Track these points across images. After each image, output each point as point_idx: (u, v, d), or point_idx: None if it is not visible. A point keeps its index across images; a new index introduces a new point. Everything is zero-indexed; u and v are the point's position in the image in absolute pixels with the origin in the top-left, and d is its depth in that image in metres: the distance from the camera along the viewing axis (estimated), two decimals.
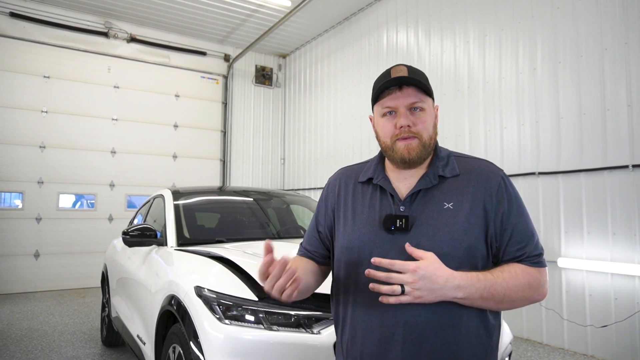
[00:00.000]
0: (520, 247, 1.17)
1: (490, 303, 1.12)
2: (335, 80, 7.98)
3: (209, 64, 8.86)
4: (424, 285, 1.04)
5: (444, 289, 1.06)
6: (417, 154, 1.19)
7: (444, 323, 1.12)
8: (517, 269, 1.15)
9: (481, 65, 5.25)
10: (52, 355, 4.00)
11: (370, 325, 1.17)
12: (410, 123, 1.18)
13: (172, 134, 8.41)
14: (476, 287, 1.09)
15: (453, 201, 1.18)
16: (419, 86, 1.19)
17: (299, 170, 8.98)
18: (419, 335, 1.12)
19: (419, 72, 1.23)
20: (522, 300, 1.16)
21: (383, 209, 1.22)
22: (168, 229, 3.05)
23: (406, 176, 1.24)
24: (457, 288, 1.07)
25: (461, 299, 1.08)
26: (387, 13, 6.84)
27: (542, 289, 1.17)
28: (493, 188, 1.19)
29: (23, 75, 7.09)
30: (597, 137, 4.11)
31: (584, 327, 4.11)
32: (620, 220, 3.92)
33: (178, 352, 2.19)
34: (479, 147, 5.18)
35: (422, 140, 1.19)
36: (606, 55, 4.07)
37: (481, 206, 1.17)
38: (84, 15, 7.57)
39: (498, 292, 1.11)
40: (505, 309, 1.18)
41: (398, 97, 1.19)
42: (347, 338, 1.23)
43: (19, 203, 7.06)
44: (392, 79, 1.19)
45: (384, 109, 1.22)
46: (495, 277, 1.12)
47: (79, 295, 6.77)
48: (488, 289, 1.10)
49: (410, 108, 1.19)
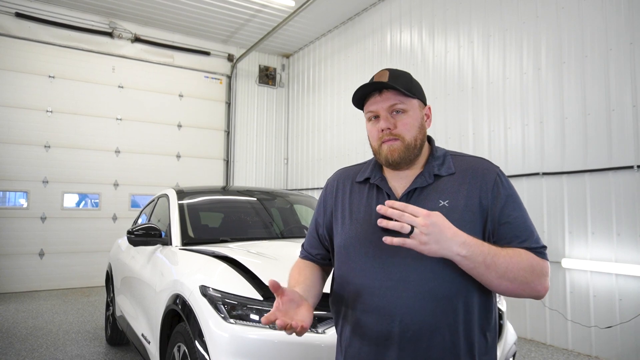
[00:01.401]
0: (520, 241, 1.16)
1: (491, 274, 1.08)
2: (338, 80, 7.98)
3: (212, 64, 8.88)
4: (432, 231, 1.02)
5: (450, 241, 1.03)
6: (399, 156, 1.20)
7: (441, 321, 1.12)
8: (521, 251, 1.14)
9: (485, 65, 5.24)
10: (57, 353, 4.02)
11: (367, 324, 1.17)
12: (390, 125, 1.21)
13: (176, 133, 8.44)
14: (480, 249, 1.07)
15: (448, 199, 1.18)
16: (398, 89, 1.21)
17: (303, 170, 8.99)
18: (415, 333, 1.12)
19: (401, 74, 1.25)
20: (523, 284, 1.11)
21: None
22: (172, 229, 3.06)
23: (402, 176, 1.26)
24: (462, 244, 1.04)
25: (464, 257, 1.05)
26: (390, 13, 6.83)
27: (544, 279, 1.14)
28: (489, 184, 1.19)
29: (28, 75, 7.12)
30: (602, 137, 4.09)
31: (588, 328, 4.10)
32: (625, 221, 3.90)
33: (183, 351, 2.20)
34: (483, 148, 5.17)
35: (405, 142, 1.21)
36: (611, 55, 4.06)
37: (477, 203, 1.17)
38: (88, 15, 7.60)
39: (500, 264, 1.08)
40: (504, 289, 1.12)
41: (377, 101, 1.23)
42: (345, 337, 1.24)
43: (24, 202, 7.09)
44: (367, 85, 1.23)
45: (367, 114, 1.26)
46: (499, 250, 1.10)
47: (84, 294, 6.80)
48: (492, 256, 1.07)
49: (391, 111, 1.22)
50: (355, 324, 1.21)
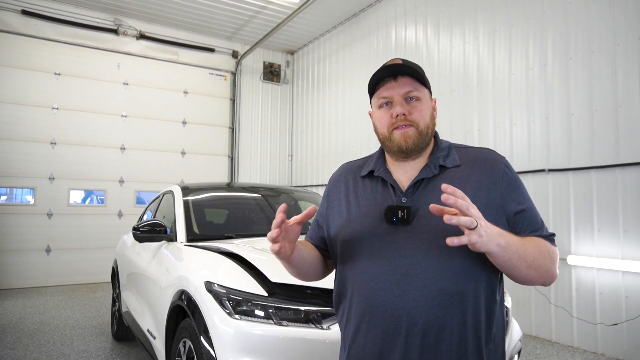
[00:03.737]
0: (534, 229, 1.16)
1: (522, 264, 1.06)
2: (343, 77, 7.96)
3: (217, 60, 8.88)
4: (485, 223, 0.96)
5: (493, 233, 0.98)
6: (413, 142, 1.19)
7: (449, 315, 1.10)
8: (538, 239, 1.14)
9: (491, 61, 5.21)
10: (64, 348, 4.06)
11: (373, 318, 1.15)
12: (405, 111, 1.19)
13: (181, 130, 8.46)
14: (512, 238, 1.04)
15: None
16: (414, 75, 1.20)
17: (307, 166, 8.99)
18: (423, 327, 1.10)
19: (414, 64, 1.25)
20: (545, 272, 1.11)
21: (384, 201, 1.21)
22: (178, 225, 3.07)
23: (407, 169, 1.24)
24: (499, 234, 1.00)
25: (503, 247, 1.00)
26: (395, 9, 6.80)
27: (556, 266, 1.15)
28: (498, 175, 1.18)
29: (34, 72, 7.16)
30: (609, 133, 4.06)
31: (594, 325, 4.08)
32: (631, 218, 3.87)
33: (188, 346, 2.21)
34: (488, 144, 5.14)
35: (419, 129, 1.19)
36: (619, 50, 4.02)
37: (485, 194, 1.16)
38: (94, 12, 7.62)
39: (529, 253, 1.07)
40: (529, 279, 1.10)
41: (393, 86, 1.21)
42: (349, 332, 1.22)
43: (31, 199, 7.15)
44: (386, 68, 1.21)
45: (380, 100, 1.24)
46: (524, 239, 1.09)
47: (90, 290, 6.85)
48: (521, 246, 1.06)
49: (405, 97, 1.20)
50: (360, 318, 1.19)
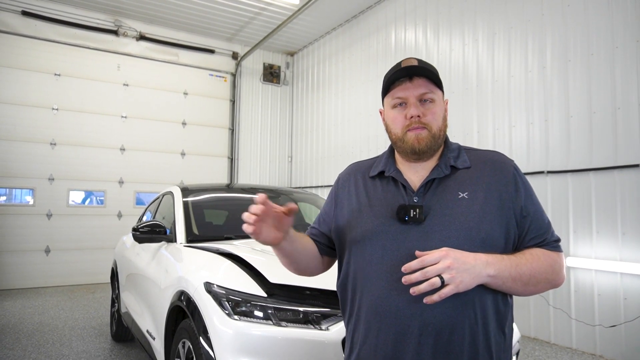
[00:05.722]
0: (540, 234, 1.18)
1: (518, 285, 1.10)
2: (343, 78, 7.98)
3: (217, 61, 8.89)
4: (459, 267, 1.01)
5: (476, 266, 1.04)
6: (426, 144, 1.19)
7: (461, 316, 1.10)
8: (537, 252, 1.16)
9: (490, 63, 5.22)
10: (63, 349, 4.06)
11: (385, 319, 1.14)
12: (420, 113, 1.19)
13: (181, 131, 8.47)
14: (503, 264, 1.08)
15: (467, 191, 1.17)
16: (430, 77, 1.20)
17: (307, 168, 8.99)
18: (436, 327, 1.10)
19: (429, 64, 1.25)
20: (545, 283, 1.15)
21: (396, 201, 1.21)
22: (177, 226, 3.07)
23: (417, 169, 1.25)
24: (487, 264, 1.05)
25: (493, 276, 1.06)
26: (395, 11, 6.82)
27: (562, 273, 1.18)
28: (508, 178, 1.19)
29: (34, 72, 7.16)
30: (608, 136, 4.07)
31: (592, 327, 4.09)
32: (630, 220, 3.88)
33: (187, 347, 2.21)
34: (487, 146, 5.15)
35: (432, 132, 1.20)
36: (617, 53, 4.03)
37: (497, 196, 1.17)
38: (94, 13, 7.63)
39: (524, 273, 1.10)
40: (530, 293, 1.15)
41: (408, 87, 1.20)
42: (360, 333, 1.20)
43: (30, 199, 7.15)
44: (403, 69, 1.21)
45: (394, 100, 1.23)
46: (519, 258, 1.12)
47: (89, 290, 6.85)
48: (515, 267, 1.09)
49: (420, 99, 1.21)
50: (371, 319, 1.17)
